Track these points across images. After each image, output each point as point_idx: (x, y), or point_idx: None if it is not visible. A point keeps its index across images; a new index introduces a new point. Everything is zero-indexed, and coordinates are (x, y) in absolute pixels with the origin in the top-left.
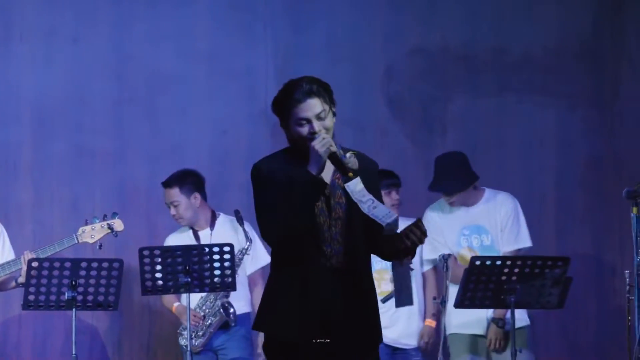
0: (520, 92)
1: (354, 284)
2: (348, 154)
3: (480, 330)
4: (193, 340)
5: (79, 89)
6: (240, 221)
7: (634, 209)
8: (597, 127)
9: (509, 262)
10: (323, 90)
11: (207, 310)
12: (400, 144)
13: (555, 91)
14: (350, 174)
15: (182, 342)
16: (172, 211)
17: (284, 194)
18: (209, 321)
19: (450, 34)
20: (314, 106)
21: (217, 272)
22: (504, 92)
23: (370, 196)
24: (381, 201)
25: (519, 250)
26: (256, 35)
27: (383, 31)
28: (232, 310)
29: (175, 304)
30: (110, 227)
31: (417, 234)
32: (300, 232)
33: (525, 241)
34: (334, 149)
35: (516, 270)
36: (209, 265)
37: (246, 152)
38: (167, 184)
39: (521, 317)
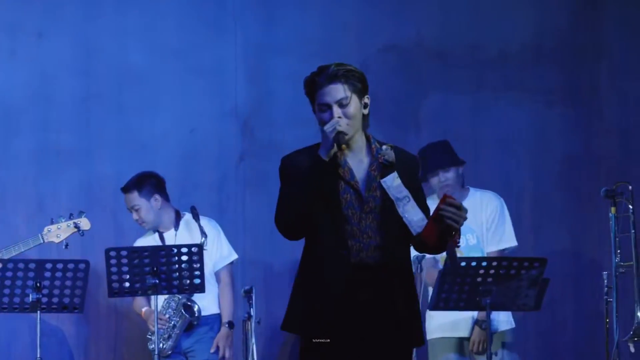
0: (496, 88)
1: (386, 280)
2: (384, 147)
3: (465, 333)
4: (161, 344)
5: (45, 85)
6: (195, 217)
7: (613, 209)
8: (574, 124)
9: (484, 264)
10: (351, 76)
11: (171, 312)
12: None
13: (532, 88)
14: (344, 147)
15: (151, 346)
16: (135, 216)
17: (302, 185)
18: (172, 322)
19: (424, 29)
20: (335, 91)
21: (185, 273)
22: (480, 89)
23: (407, 193)
24: (422, 198)
25: (504, 250)
26: (226, 30)
27: (356, 26)
28: (196, 307)
29: (144, 308)
30: (76, 226)
31: (451, 210)
32: (300, 217)
33: (510, 241)
34: (340, 128)
35: (492, 271)
36: (177, 266)
37: (216, 150)
38: (126, 189)
39: (505, 320)
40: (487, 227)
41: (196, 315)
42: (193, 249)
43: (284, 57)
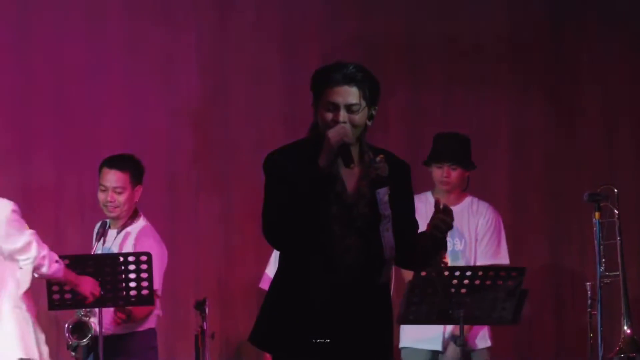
0: (470, 84)
1: (367, 300)
2: (378, 158)
3: (437, 346)
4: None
5: None
6: (100, 235)
7: (597, 214)
8: (555, 122)
9: (457, 273)
10: (367, 84)
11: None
12: None
13: (508, 83)
14: (352, 166)
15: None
16: (110, 197)
17: (289, 191)
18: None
19: (392, 20)
20: (348, 94)
21: (132, 284)
22: (452, 85)
23: (390, 214)
24: (411, 210)
25: (494, 266)
26: (178, 20)
27: (318, 17)
28: (90, 332)
29: None
30: None
31: (445, 220)
32: (297, 231)
33: (504, 258)
34: (348, 139)
35: (466, 282)
36: (124, 276)
37: (165, 150)
38: (119, 165)
39: (481, 337)
40: (480, 237)
41: (86, 339)
42: (142, 258)
43: (240, 50)
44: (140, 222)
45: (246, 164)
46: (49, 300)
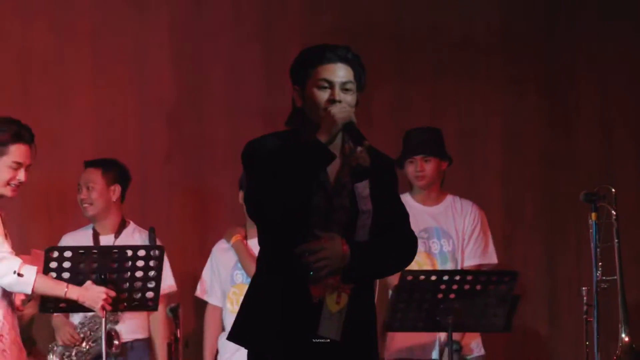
0: (460, 77)
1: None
2: (359, 149)
3: (433, 354)
4: None
5: None
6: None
7: (593, 215)
8: (549, 118)
9: (446, 277)
10: (358, 67)
11: (89, 333)
12: None
13: (500, 76)
14: (364, 142)
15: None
16: (83, 194)
17: (281, 170)
18: (86, 347)
19: (376, 9)
20: (344, 72)
21: (137, 284)
22: (440, 78)
23: (370, 209)
24: (397, 206)
25: (482, 266)
26: (149, 9)
27: (298, 6)
28: (115, 342)
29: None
30: None
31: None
32: (297, 209)
33: (491, 257)
34: (354, 119)
35: (455, 286)
36: (130, 274)
37: (137, 146)
38: (91, 163)
39: (476, 344)
40: (467, 235)
41: (114, 350)
42: (152, 253)
43: (216, 41)
44: (134, 224)
45: (222, 162)
46: (41, 301)
